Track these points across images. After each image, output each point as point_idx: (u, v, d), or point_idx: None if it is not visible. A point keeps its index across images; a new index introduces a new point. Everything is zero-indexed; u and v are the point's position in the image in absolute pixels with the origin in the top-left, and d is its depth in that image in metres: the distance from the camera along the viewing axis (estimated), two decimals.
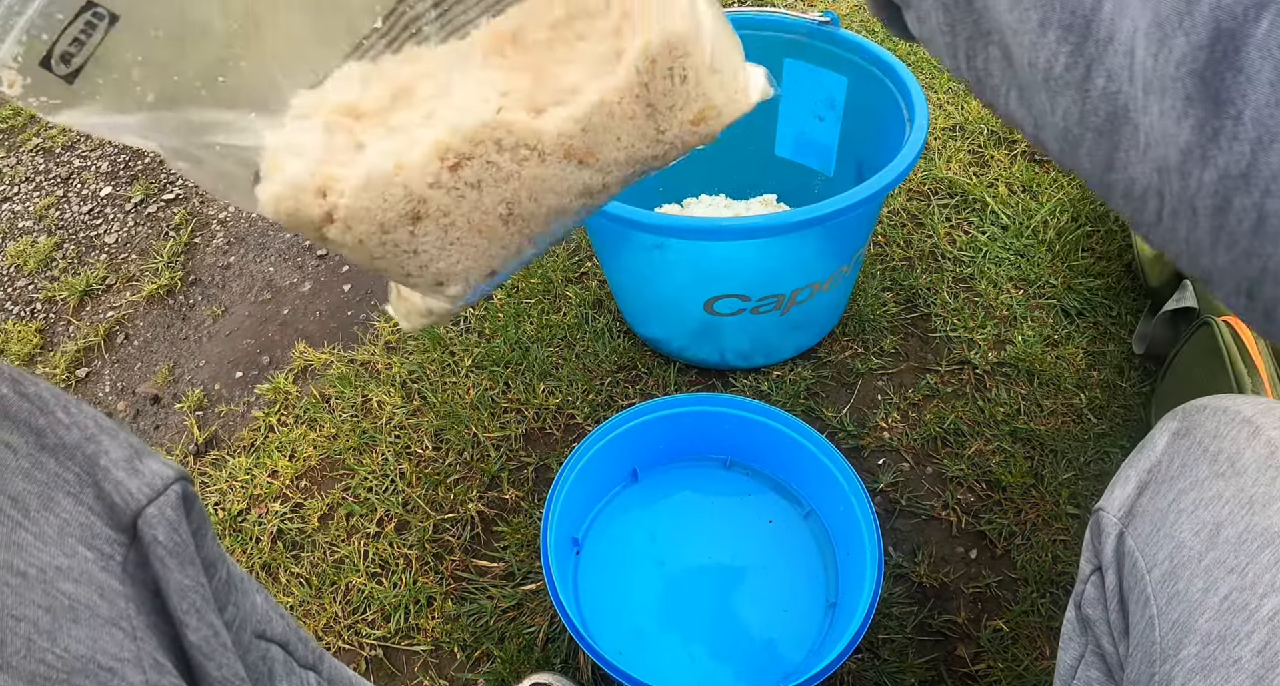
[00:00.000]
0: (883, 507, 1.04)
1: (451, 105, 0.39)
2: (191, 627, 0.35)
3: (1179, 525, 0.50)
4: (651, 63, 0.39)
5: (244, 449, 1.18)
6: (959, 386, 1.14)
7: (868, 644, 0.94)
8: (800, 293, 1.02)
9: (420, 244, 0.40)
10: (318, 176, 0.37)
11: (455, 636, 0.96)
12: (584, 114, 0.39)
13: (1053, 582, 0.98)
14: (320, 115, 0.39)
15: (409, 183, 0.38)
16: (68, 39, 0.32)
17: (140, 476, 0.35)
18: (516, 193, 0.40)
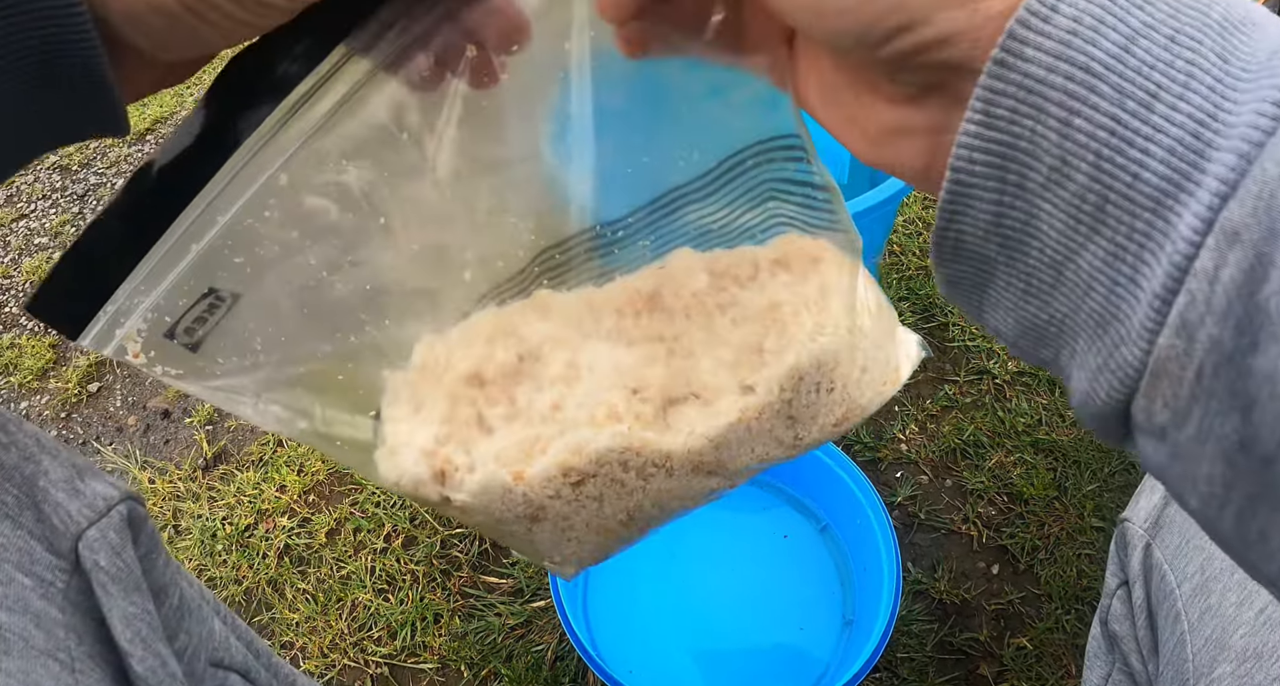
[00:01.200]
0: (901, 522, 1.02)
1: (579, 401, 0.37)
2: (137, 658, 0.33)
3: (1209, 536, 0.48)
4: (798, 381, 0.38)
5: (253, 463, 1.17)
6: (978, 397, 1.11)
7: (886, 662, 0.91)
8: None
9: (536, 538, 0.39)
10: (437, 460, 0.37)
11: (462, 654, 0.94)
12: (718, 433, 0.37)
13: (1078, 598, 0.95)
14: (445, 383, 0.37)
15: (529, 493, 0.37)
16: (190, 318, 0.33)
17: (81, 498, 0.33)
18: (640, 503, 0.39)
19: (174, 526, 1.13)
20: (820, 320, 0.38)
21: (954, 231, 0.24)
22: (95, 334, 0.32)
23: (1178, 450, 0.22)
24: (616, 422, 0.37)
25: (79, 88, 0.27)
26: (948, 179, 0.23)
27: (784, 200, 0.38)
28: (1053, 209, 0.22)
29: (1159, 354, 0.21)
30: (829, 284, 0.38)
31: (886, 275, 1.25)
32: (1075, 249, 0.22)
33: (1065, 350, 0.25)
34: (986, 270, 0.25)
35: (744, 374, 0.38)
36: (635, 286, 0.39)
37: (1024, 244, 0.23)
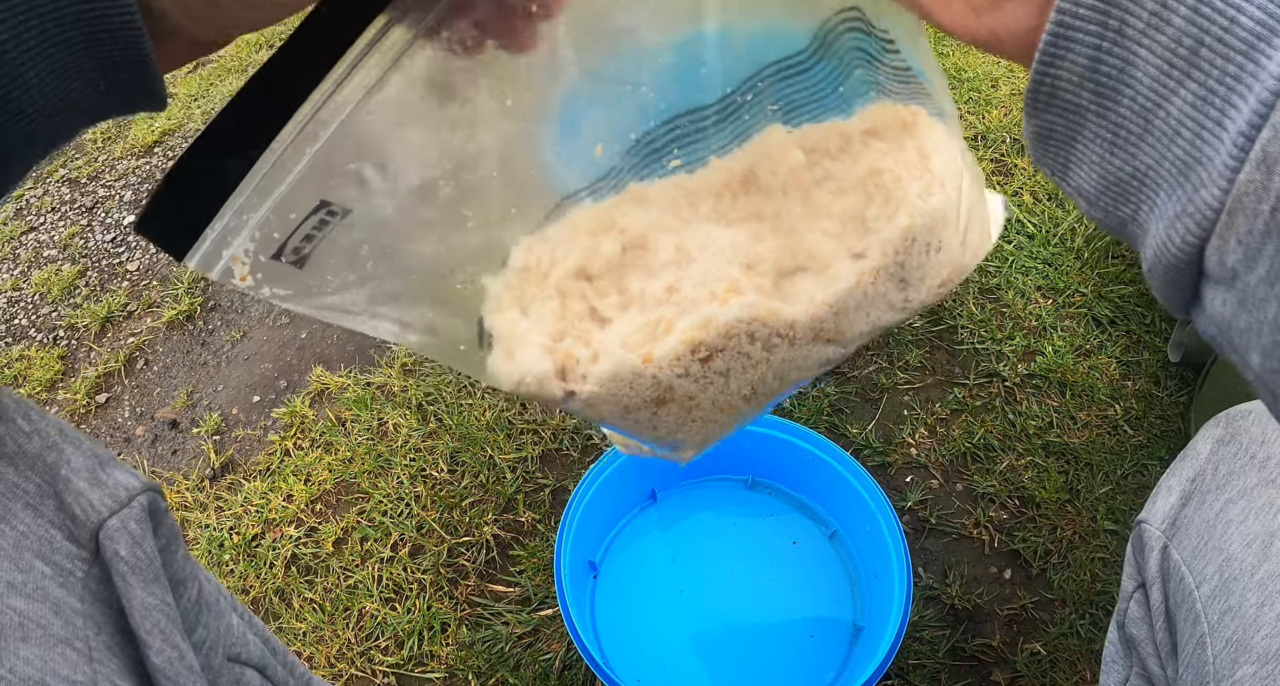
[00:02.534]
0: (911, 527, 1.01)
1: (695, 280, 0.37)
2: (155, 649, 0.33)
3: (1228, 536, 0.47)
4: (910, 242, 0.38)
5: (260, 473, 1.17)
6: (988, 400, 1.10)
7: (897, 669, 0.90)
8: None
9: (661, 421, 0.40)
10: (558, 355, 0.37)
11: (470, 663, 0.94)
12: (837, 299, 0.38)
13: (1092, 603, 0.94)
14: (552, 281, 0.38)
15: (658, 374, 0.37)
16: (300, 236, 0.32)
17: (103, 487, 0.33)
18: (764, 376, 0.39)
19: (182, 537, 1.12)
20: (926, 182, 0.38)
21: (1050, 78, 0.25)
22: (202, 254, 0.31)
23: (1246, 295, 0.23)
24: (739, 295, 0.37)
25: (123, 69, 0.29)
26: (1051, 21, 0.23)
27: (871, 68, 0.38)
28: (1149, 54, 0.23)
29: (1238, 190, 0.22)
30: (926, 146, 0.39)
31: None
32: (1166, 95, 0.23)
33: (1145, 204, 0.25)
34: (1077, 121, 0.25)
35: (851, 242, 0.38)
36: (729, 168, 0.39)
37: (1117, 91, 0.24)
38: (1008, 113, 1.49)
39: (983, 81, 1.57)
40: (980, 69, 1.60)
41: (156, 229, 0.30)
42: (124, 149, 1.81)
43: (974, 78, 1.57)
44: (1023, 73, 1.58)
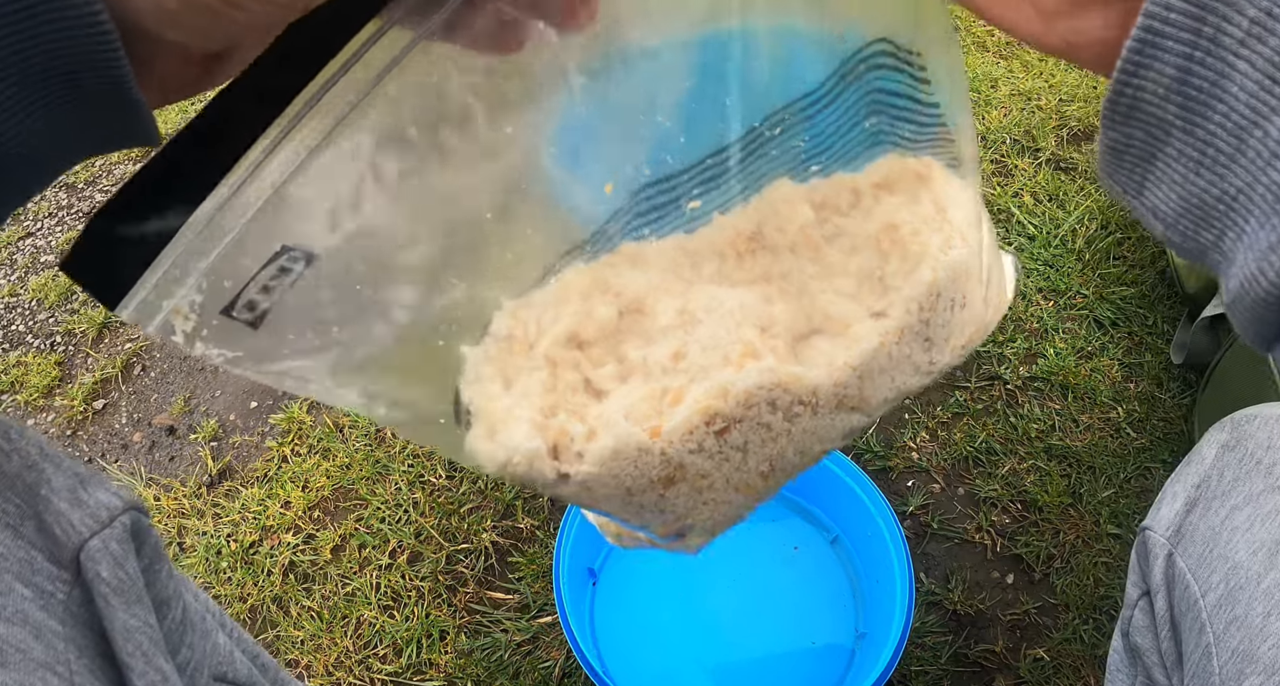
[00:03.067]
0: (913, 531, 1.00)
1: (705, 345, 0.34)
2: (137, 672, 0.32)
3: (1234, 544, 0.46)
4: (935, 298, 0.36)
5: (257, 480, 1.16)
6: (989, 403, 1.09)
7: (900, 676, 0.89)
8: None
9: (669, 504, 0.36)
10: (549, 432, 0.33)
11: (468, 671, 0.93)
12: (861, 361, 0.35)
13: (1095, 608, 0.93)
14: (540, 350, 0.34)
15: (668, 449, 0.33)
16: (256, 286, 0.27)
17: (84, 507, 0.32)
18: (784, 449, 0.36)
19: (179, 543, 1.12)
20: (946, 234, 0.36)
21: (1133, 88, 0.22)
22: (138, 303, 0.26)
23: None
24: (757, 360, 0.34)
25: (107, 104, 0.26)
26: (1138, 27, 0.21)
27: (885, 115, 0.36)
28: (1248, 67, 0.20)
29: None
30: (943, 199, 0.37)
31: None
32: (1265, 115, 0.20)
33: (1232, 231, 0.23)
34: (1159, 136, 0.23)
35: (870, 301, 0.36)
36: (735, 225, 0.36)
37: (1207, 107, 0.22)
38: (1007, 113, 1.49)
39: (983, 82, 1.56)
40: (980, 69, 1.59)
41: (85, 270, 0.26)
42: (121, 154, 1.81)
43: (974, 78, 1.57)
44: (1024, 73, 1.57)
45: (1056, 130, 1.45)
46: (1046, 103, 1.50)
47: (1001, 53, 1.64)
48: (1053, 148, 1.41)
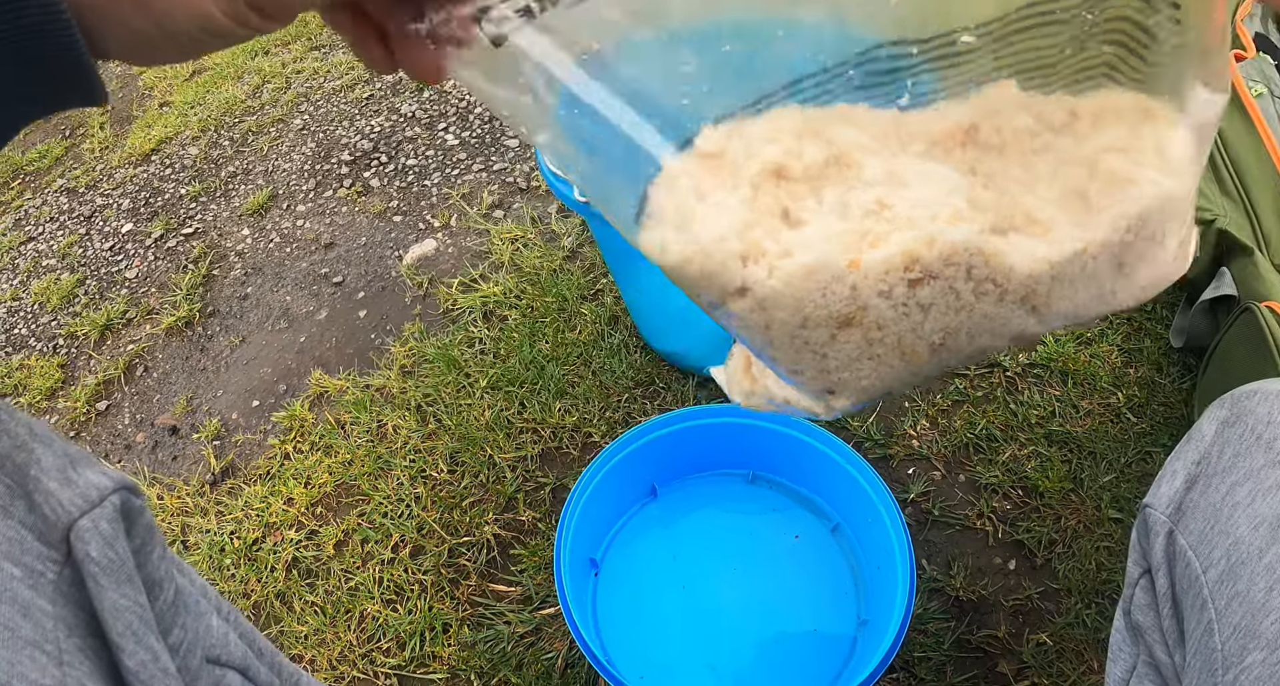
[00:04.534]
0: (914, 519, 1.00)
1: (912, 202, 0.34)
2: (127, 652, 0.32)
3: (1235, 520, 0.46)
4: (1142, 223, 0.35)
5: (260, 477, 1.16)
6: (989, 390, 1.09)
7: (903, 662, 0.90)
8: None
9: (833, 349, 0.36)
10: (744, 242, 0.33)
11: (472, 663, 0.93)
12: (1061, 261, 0.35)
13: (1097, 592, 0.93)
14: (745, 173, 0.34)
15: (860, 284, 0.33)
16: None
17: (74, 487, 0.33)
18: (961, 324, 0.36)
19: (182, 542, 1.12)
20: (1160, 166, 0.36)
21: None
22: None
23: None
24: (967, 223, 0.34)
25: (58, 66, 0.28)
26: None
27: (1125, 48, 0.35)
28: None
29: None
30: (1164, 140, 0.36)
31: None
32: None
33: None
34: None
35: (1073, 215, 0.36)
36: (952, 116, 0.36)
37: None
38: None
39: None
40: None
41: None
42: (121, 158, 1.82)
43: None
44: None
45: None
46: None
47: None
48: None
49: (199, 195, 1.68)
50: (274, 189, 1.64)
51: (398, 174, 1.61)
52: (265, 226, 1.57)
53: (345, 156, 1.67)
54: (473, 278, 1.35)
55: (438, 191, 1.55)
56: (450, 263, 1.41)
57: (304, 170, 1.67)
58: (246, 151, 1.76)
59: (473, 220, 1.46)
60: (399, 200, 1.55)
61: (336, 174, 1.64)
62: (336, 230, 1.53)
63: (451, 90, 1.77)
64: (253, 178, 1.69)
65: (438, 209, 1.51)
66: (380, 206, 1.54)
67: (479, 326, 1.27)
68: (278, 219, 1.58)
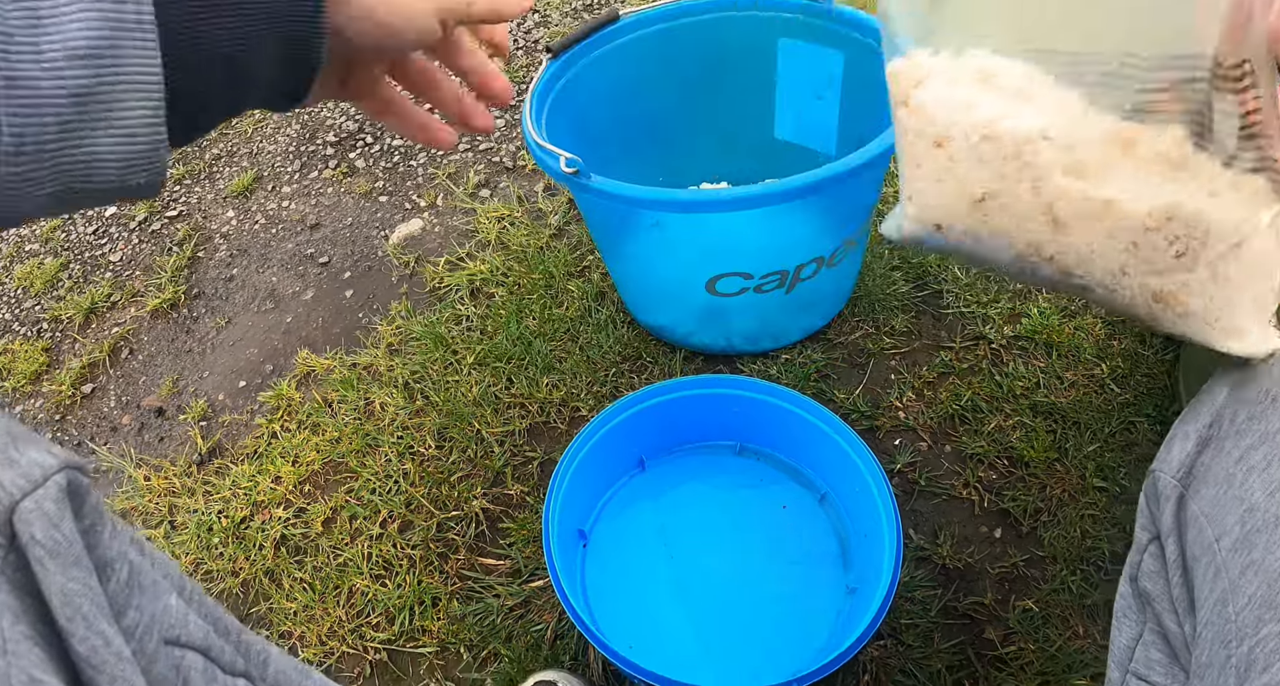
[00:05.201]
0: (901, 489, 1.01)
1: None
2: (78, 637, 0.31)
3: (1249, 485, 0.44)
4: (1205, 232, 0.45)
5: (247, 457, 1.16)
6: (975, 362, 1.10)
7: (890, 629, 0.90)
8: (804, 268, 0.99)
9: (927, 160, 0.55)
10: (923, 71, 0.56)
11: (461, 636, 0.93)
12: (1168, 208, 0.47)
13: (1082, 559, 0.94)
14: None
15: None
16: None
17: (15, 467, 0.31)
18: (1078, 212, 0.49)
19: (170, 522, 1.12)
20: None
21: None
22: None
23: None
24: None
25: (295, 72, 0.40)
26: None
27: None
28: None
29: None
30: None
31: (878, 246, 1.24)
32: None
33: None
34: None
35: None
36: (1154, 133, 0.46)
37: None
38: None
39: None
40: None
41: None
42: None
43: None
44: None
45: None
46: None
47: None
48: None
49: (183, 177, 1.67)
50: (259, 171, 1.63)
51: (383, 154, 1.60)
52: (250, 208, 1.56)
53: (330, 137, 1.66)
54: (459, 256, 1.35)
55: (424, 171, 1.54)
56: (437, 242, 1.40)
57: (289, 152, 1.66)
58: (231, 133, 1.75)
59: (459, 199, 1.46)
60: (385, 180, 1.55)
61: (322, 155, 1.63)
62: (322, 211, 1.52)
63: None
64: (237, 160, 1.68)
65: (424, 189, 1.51)
66: (366, 187, 1.54)
67: (466, 304, 1.26)
68: (263, 200, 1.57)
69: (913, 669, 0.88)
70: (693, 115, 1.23)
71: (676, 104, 1.21)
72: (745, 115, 1.23)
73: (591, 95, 1.09)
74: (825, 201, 0.96)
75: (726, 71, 1.18)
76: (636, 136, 1.21)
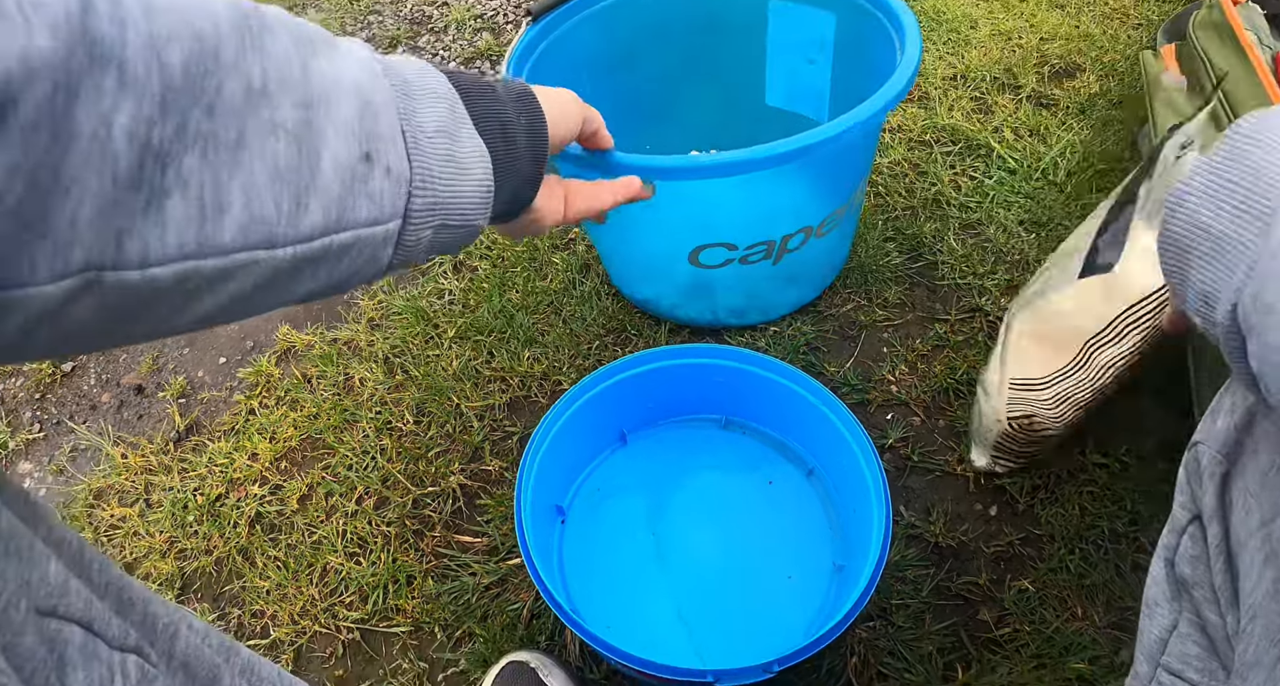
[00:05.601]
0: (892, 465, 0.97)
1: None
2: None
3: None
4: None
5: (225, 433, 1.13)
6: (970, 335, 1.06)
7: (880, 610, 0.87)
8: (791, 238, 0.96)
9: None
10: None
11: (436, 615, 0.90)
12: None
13: (1081, 537, 0.90)
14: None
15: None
16: None
17: None
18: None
19: (145, 500, 1.09)
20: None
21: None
22: None
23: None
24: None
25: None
26: None
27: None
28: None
29: None
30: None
31: (871, 216, 1.20)
32: None
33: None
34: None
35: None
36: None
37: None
38: (987, 52, 1.45)
39: (962, 22, 1.52)
40: (960, 10, 1.55)
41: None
42: None
43: (954, 19, 1.53)
44: (1004, 13, 1.54)
45: (1037, 68, 1.41)
46: (1027, 42, 1.47)
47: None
48: (1033, 85, 1.38)
49: None
50: None
51: None
52: None
53: None
54: None
55: None
56: None
57: None
58: None
59: None
60: None
61: None
62: None
63: (424, 47, 1.72)
64: None
65: None
66: None
67: (449, 278, 1.23)
68: None
69: (902, 650, 0.84)
70: (681, 82, 1.20)
71: (663, 70, 1.18)
72: (736, 82, 1.19)
73: (573, 61, 1.05)
74: (813, 168, 0.93)
75: (716, 36, 1.14)
76: (622, 105, 1.17)
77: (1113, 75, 1.37)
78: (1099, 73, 1.38)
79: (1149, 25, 1.46)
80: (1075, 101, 1.33)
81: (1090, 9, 1.53)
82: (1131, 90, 1.32)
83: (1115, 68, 1.39)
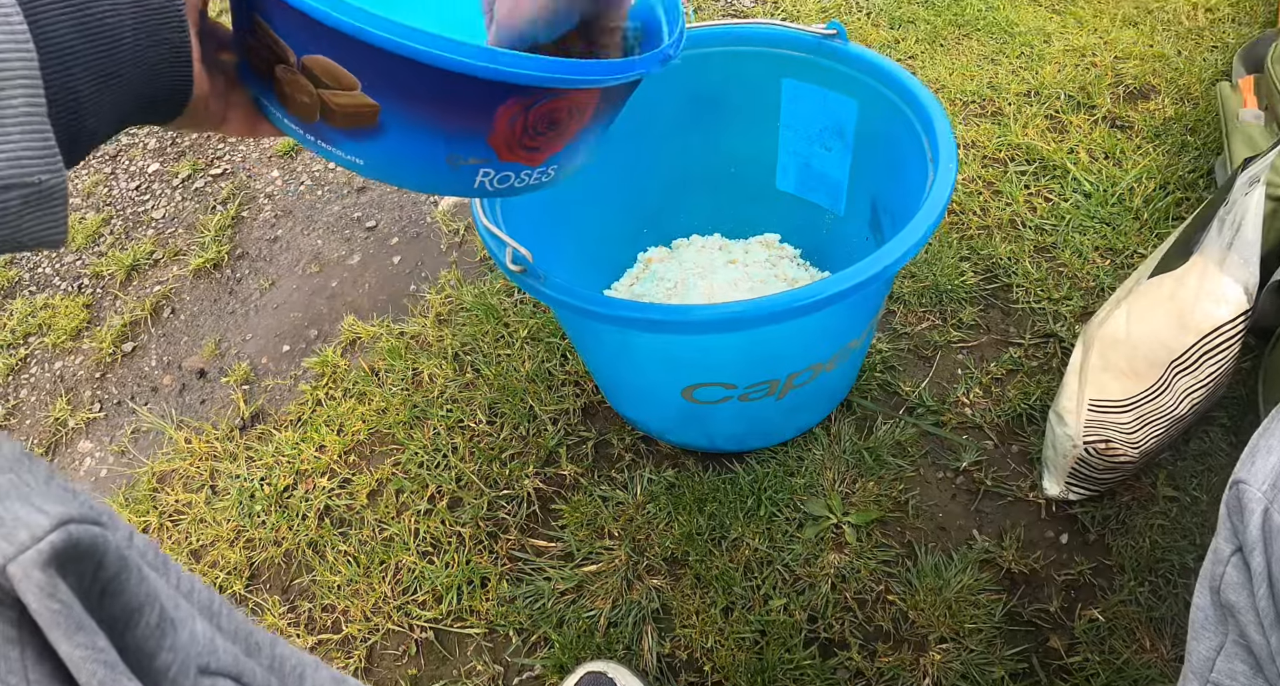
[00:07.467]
0: (966, 488, 0.98)
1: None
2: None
3: None
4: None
5: (291, 423, 1.14)
6: (1044, 361, 1.06)
7: (953, 633, 0.87)
8: (798, 376, 0.86)
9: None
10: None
11: (511, 619, 0.91)
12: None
13: (1151, 570, 0.90)
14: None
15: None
16: None
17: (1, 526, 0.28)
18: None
19: (211, 486, 1.10)
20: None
21: None
22: None
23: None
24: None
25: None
26: None
27: None
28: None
29: None
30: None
31: (947, 234, 1.20)
32: None
33: None
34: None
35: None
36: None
37: None
38: (1061, 69, 1.44)
39: (1035, 36, 1.51)
40: (1032, 23, 1.54)
41: None
42: None
43: (1025, 32, 1.52)
44: (1078, 29, 1.53)
45: (1112, 88, 1.40)
46: (1101, 60, 1.46)
47: (1054, 7, 1.59)
48: (1109, 105, 1.37)
49: (227, 136, 1.64)
50: None
51: None
52: (296, 168, 1.54)
53: None
54: None
55: None
56: None
57: None
58: None
59: None
60: None
61: None
62: None
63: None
64: None
65: None
66: None
67: None
68: (309, 161, 1.54)
69: (975, 675, 0.85)
70: (684, 158, 1.10)
71: (666, 145, 1.08)
72: (743, 161, 1.10)
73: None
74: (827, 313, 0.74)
75: (723, 112, 1.04)
76: (618, 180, 1.06)
77: (1188, 99, 1.37)
78: (1174, 96, 1.37)
79: (1224, 49, 1.45)
80: (1150, 125, 1.32)
81: (1165, 29, 1.51)
82: (1208, 115, 1.32)
83: (1190, 92, 1.38)
